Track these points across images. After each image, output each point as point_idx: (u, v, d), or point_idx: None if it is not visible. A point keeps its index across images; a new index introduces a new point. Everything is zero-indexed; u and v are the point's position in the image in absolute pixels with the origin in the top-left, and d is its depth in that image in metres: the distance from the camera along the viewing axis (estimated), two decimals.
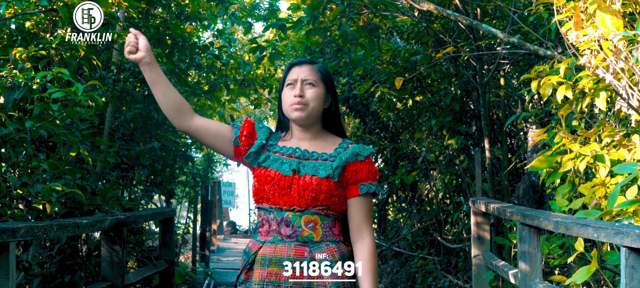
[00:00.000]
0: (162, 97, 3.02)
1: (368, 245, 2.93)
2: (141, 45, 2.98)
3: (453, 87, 9.00)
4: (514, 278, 5.10)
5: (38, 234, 3.82)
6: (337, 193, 2.94)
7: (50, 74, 4.30)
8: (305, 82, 3.00)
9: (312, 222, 2.93)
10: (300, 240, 2.93)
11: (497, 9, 7.93)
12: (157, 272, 6.55)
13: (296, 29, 8.94)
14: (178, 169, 9.13)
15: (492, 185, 8.00)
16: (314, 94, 2.99)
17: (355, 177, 2.95)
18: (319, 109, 3.02)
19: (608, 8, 3.97)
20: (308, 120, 3.01)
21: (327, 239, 2.95)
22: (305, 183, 2.91)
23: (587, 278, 3.62)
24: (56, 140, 4.78)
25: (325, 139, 3.07)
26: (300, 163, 2.95)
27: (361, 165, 2.96)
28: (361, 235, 2.95)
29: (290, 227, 2.94)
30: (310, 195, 2.90)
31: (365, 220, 2.97)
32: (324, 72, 3.05)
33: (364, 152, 2.98)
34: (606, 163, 4.11)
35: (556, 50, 6.02)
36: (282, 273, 2.91)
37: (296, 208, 2.93)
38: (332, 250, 2.93)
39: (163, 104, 3.03)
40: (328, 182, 2.90)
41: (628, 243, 2.94)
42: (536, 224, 4.31)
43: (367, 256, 2.91)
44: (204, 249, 12.76)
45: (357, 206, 2.97)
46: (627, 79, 4.06)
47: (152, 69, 3.00)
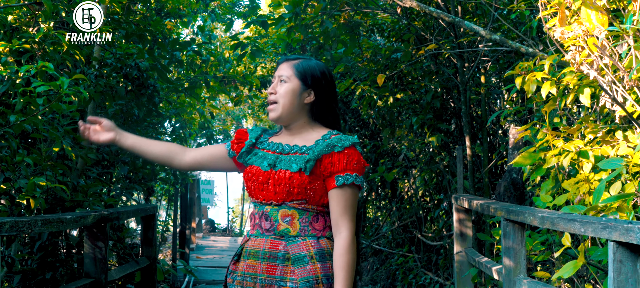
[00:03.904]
0: (151, 154, 3.19)
1: (343, 240, 2.86)
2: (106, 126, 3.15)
3: (434, 85, 9.03)
4: (497, 274, 5.12)
5: (23, 229, 3.80)
6: (312, 186, 2.90)
7: (35, 67, 4.27)
8: (279, 79, 3.02)
9: (289, 216, 2.92)
10: (277, 234, 2.93)
11: (478, 6, 7.97)
12: (140, 268, 6.52)
13: (278, 26, 8.94)
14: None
15: (472, 182, 8.03)
16: (283, 90, 2.99)
17: (330, 169, 2.89)
18: (291, 104, 2.99)
19: (593, 4, 4.00)
20: (282, 118, 3.02)
21: (305, 233, 2.92)
22: (279, 177, 2.91)
23: (574, 273, 3.64)
24: (37, 135, 4.74)
25: (310, 133, 3.04)
26: (278, 159, 2.96)
27: (338, 157, 2.89)
28: (338, 229, 2.89)
29: (268, 221, 2.95)
30: (284, 190, 2.90)
31: (342, 213, 2.89)
32: (302, 67, 3.03)
33: (343, 142, 2.91)
34: (590, 159, 4.14)
35: (537, 47, 6.06)
36: (258, 266, 2.93)
37: (273, 203, 2.94)
38: (308, 244, 2.90)
39: (155, 158, 3.20)
40: (301, 176, 2.88)
41: (616, 237, 2.96)
42: (521, 220, 4.32)
43: (339, 251, 2.86)
44: (184, 247, 12.72)
45: (334, 199, 2.91)
46: (611, 75, 4.09)
47: (126, 138, 3.18)
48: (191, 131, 13.93)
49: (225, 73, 12.03)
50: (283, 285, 2.88)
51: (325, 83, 3.05)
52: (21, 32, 5.07)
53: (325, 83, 3.05)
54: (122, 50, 6.83)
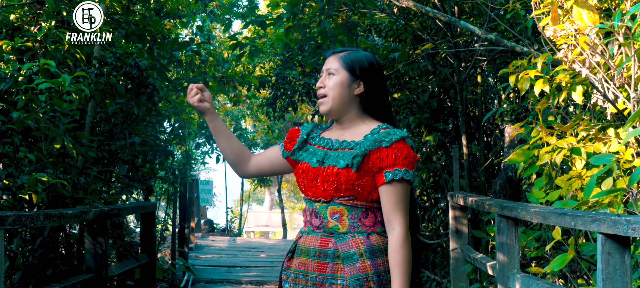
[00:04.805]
0: (225, 144, 3.16)
1: (396, 236, 2.83)
2: (207, 97, 3.11)
3: (431, 85, 9.09)
4: (492, 270, 5.19)
5: (25, 222, 3.86)
6: (360, 182, 2.87)
7: (37, 65, 4.33)
8: (328, 72, 3.01)
9: (338, 213, 2.91)
10: (327, 232, 2.93)
11: (475, 6, 8.04)
12: (139, 265, 6.59)
13: (276, 26, 9.00)
14: (158, 165, 9.16)
15: (469, 181, 8.10)
16: (332, 82, 2.98)
17: (378, 165, 2.86)
18: (341, 96, 2.97)
19: (584, 3, 4.07)
20: (332, 111, 3.01)
21: (355, 230, 2.90)
22: (327, 174, 2.90)
23: (564, 265, 3.71)
24: (38, 134, 4.80)
25: (360, 126, 3.01)
26: (327, 155, 2.95)
27: (386, 152, 2.85)
28: (391, 226, 2.86)
29: (318, 218, 2.96)
30: (332, 186, 2.89)
31: (394, 209, 2.85)
32: (349, 58, 3.01)
33: (391, 137, 2.86)
34: (582, 156, 4.20)
35: (533, 47, 6.13)
36: (309, 264, 2.95)
37: (322, 199, 2.94)
38: (358, 241, 2.88)
39: (225, 150, 3.18)
40: (348, 172, 2.86)
41: (604, 229, 3.04)
42: (514, 215, 4.40)
43: (393, 248, 2.83)
44: (183, 246, 12.77)
45: (384, 195, 2.87)
46: (603, 73, 4.16)
47: (215, 119, 3.13)
48: (190, 131, 13.99)
49: (224, 73, 12.10)
50: (334, 282, 2.88)
51: (374, 73, 3.02)
52: (23, 31, 5.13)
53: (374, 73, 3.02)
54: (122, 50, 6.90)
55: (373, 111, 3.03)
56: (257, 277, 11.92)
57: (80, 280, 4.92)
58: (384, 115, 3.04)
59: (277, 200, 30.88)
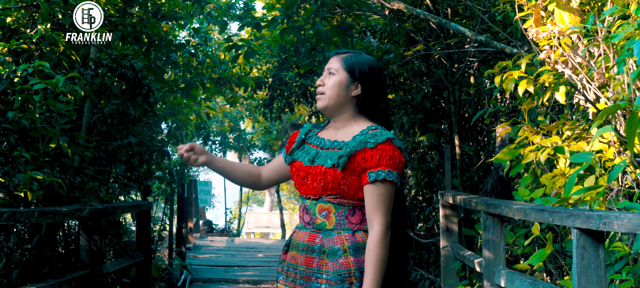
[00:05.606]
0: (233, 176, 3.37)
1: (374, 235, 2.89)
2: (198, 150, 3.28)
3: (424, 85, 9.17)
4: (479, 266, 5.29)
5: (20, 219, 3.95)
6: (346, 182, 2.95)
7: (32, 66, 4.42)
8: (328, 71, 3.12)
9: (326, 210, 3.01)
10: (315, 227, 3.04)
11: (467, 8, 8.13)
12: (135, 263, 6.67)
13: (271, 28, 9.08)
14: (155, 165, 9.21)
15: (461, 180, 8.19)
16: (331, 81, 3.08)
17: (363, 165, 2.92)
18: (338, 95, 3.06)
19: (566, 5, 4.17)
20: (328, 108, 3.11)
21: (341, 227, 2.99)
22: (315, 173, 3.00)
23: (542, 259, 3.81)
24: (34, 134, 4.88)
25: (352, 127, 3.08)
26: (318, 154, 3.04)
27: (371, 152, 2.92)
28: (371, 224, 2.92)
29: (308, 215, 3.08)
30: (319, 185, 2.99)
31: (375, 208, 2.91)
32: (350, 60, 3.10)
33: (377, 138, 2.93)
34: (566, 154, 4.29)
35: (523, 48, 6.21)
36: (298, 257, 3.07)
37: (312, 197, 3.05)
38: (343, 238, 2.96)
39: (237, 180, 3.39)
40: (334, 172, 2.94)
41: (578, 224, 3.14)
42: (498, 212, 4.50)
43: (369, 246, 2.89)
44: (181, 246, 12.83)
45: (367, 194, 2.94)
46: (584, 74, 4.25)
47: (215, 162, 3.33)
48: (187, 132, 14.06)
49: (221, 74, 12.17)
50: (319, 276, 2.98)
51: (373, 77, 3.10)
52: (19, 33, 5.21)
53: (373, 77, 3.10)
54: (118, 51, 6.98)
55: (369, 113, 3.11)
56: (255, 276, 11.98)
57: (75, 276, 5.00)
58: (379, 117, 3.11)
59: (276, 201, 30.93)
